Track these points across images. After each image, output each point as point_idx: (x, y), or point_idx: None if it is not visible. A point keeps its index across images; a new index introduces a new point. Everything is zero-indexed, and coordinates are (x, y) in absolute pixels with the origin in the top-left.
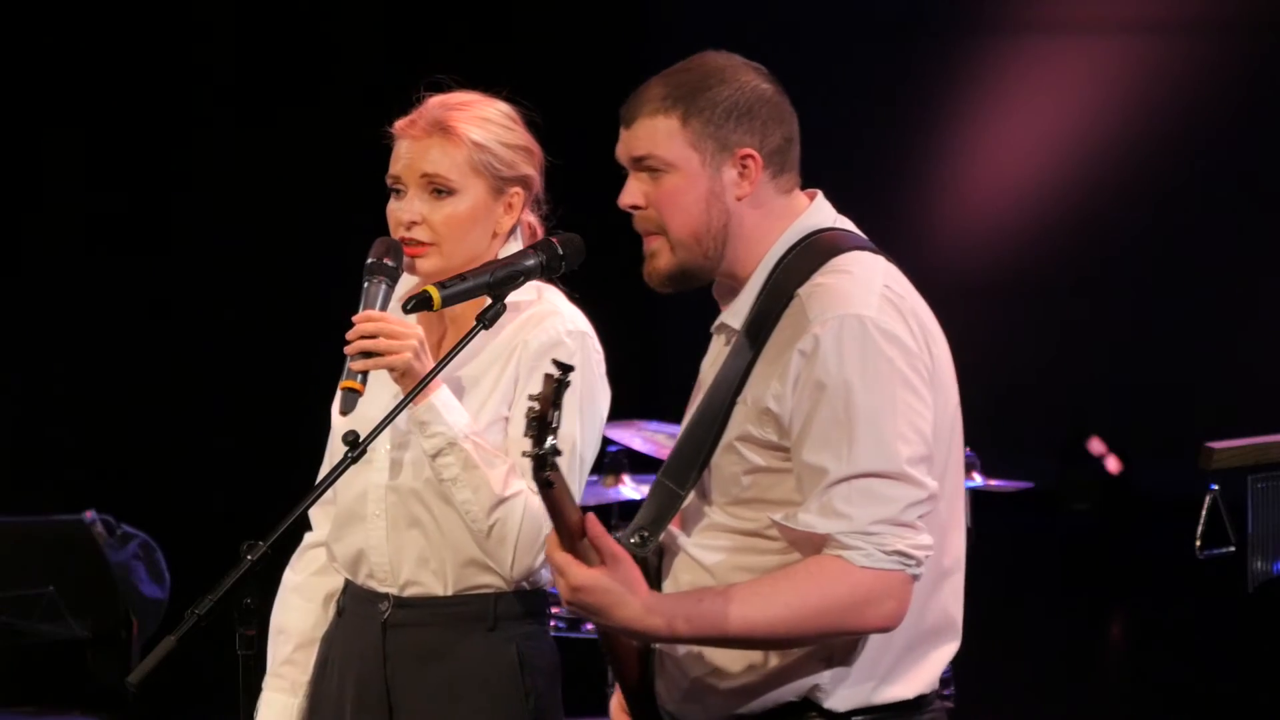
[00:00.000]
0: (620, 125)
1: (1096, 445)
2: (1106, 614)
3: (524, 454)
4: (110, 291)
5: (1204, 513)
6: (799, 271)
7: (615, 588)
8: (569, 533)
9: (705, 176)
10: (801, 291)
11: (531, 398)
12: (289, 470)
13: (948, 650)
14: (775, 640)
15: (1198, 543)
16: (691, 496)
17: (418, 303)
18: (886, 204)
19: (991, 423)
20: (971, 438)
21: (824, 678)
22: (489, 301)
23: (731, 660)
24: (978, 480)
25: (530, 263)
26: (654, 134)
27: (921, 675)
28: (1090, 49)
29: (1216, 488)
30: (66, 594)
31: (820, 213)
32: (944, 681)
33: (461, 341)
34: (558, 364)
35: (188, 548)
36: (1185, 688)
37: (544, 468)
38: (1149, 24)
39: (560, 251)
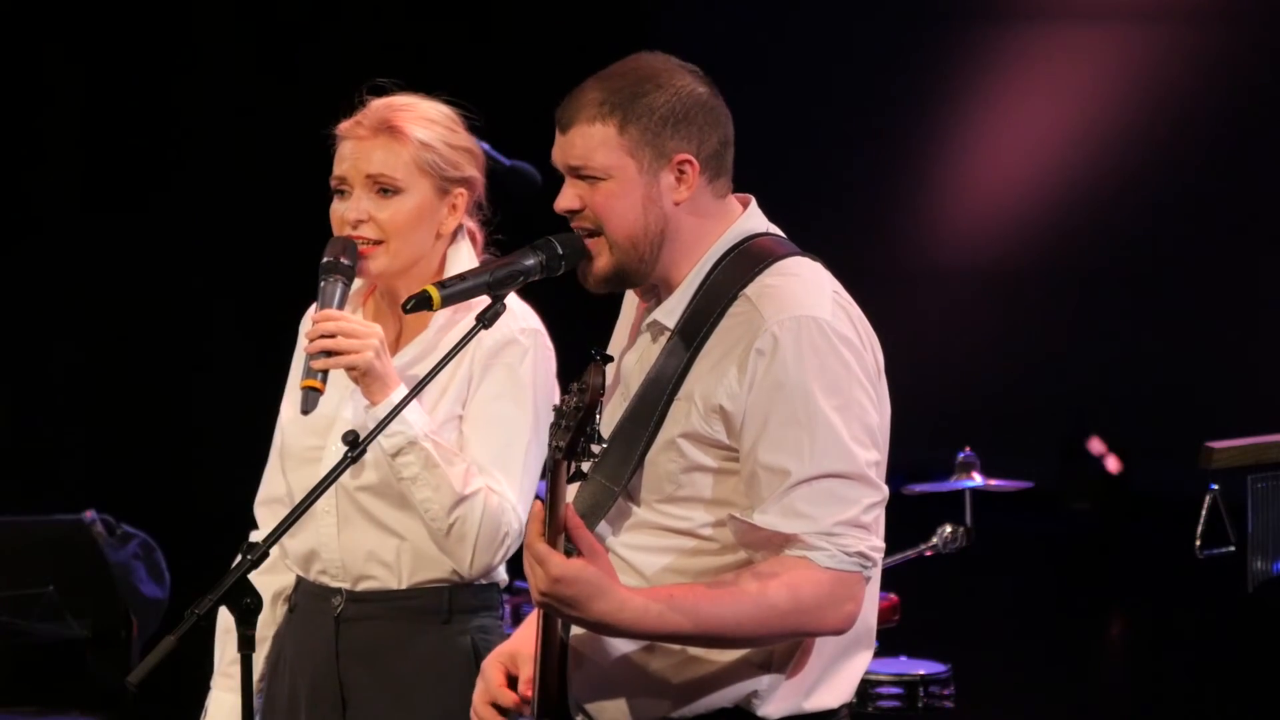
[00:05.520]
0: (556, 129)
1: (1096, 445)
2: (1106, 614)
3: (556, 446)
4: (110, 291)
5: (1204, 513)
6: (738, 274)
7: (594, 580)
8: (556, 528)
9: (642, 183)
10: (749, 292)
11: (577, 389)
12: None
13: (866, 658)
14: (739, 639)
15: (1198, 543)
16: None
17: (418, 302)
18: (885, 202)
19: (991, 422)
20: (971, 437)
21: (761, 684)
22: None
23: (668, 664)
24: (978, 480)
25: (530, 262)
26: (590, 142)
27: (844, 684)
28: (1095, 39)
29: (1216, 488)
30: (66, 594)
31: (755, 218)
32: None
33: (461, 341)
34: (598, 353)
35: (188, 548)
36: (1185, 688)
37: (585, 458)
38: (1156, 13)
39: (560, 250)
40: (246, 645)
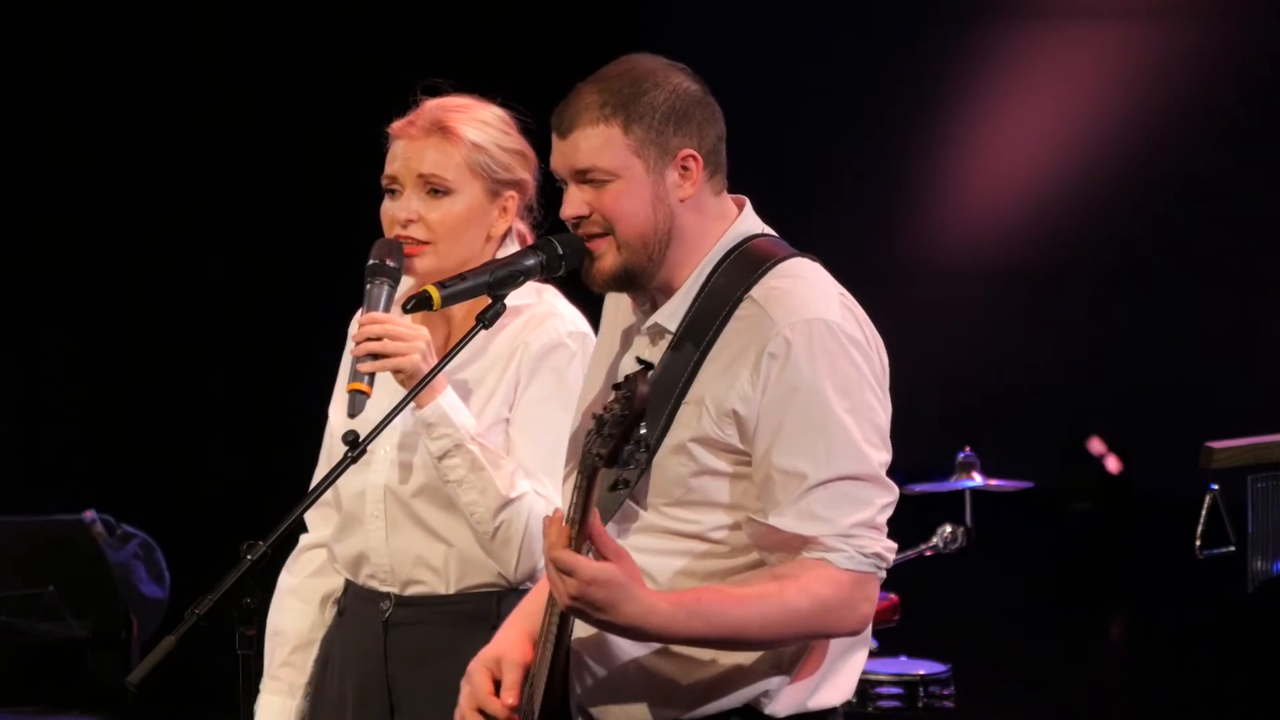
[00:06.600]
0: (554, 135)
1: (1096, 445)
2: (1106, 614)
3: (596, 453)
4: (110, 290)
5: (1204, 513)
6: (740, 276)
7: (626, 584)
8: (584, 534)
9: (649, 182)
10: (755, 294)
11: (623, 396)
12: (289, 470)
13: (864, 655)
14: (761, 642)
15: (1198, 543)
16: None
17: (417, 302)
18: (886, 202)
19: (991, 422)
20: (971, 437)
21: (771, 683)
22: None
23: (676, 667)
24: (978, 480)
25: (530, 262)
26: (594, 144)
27: (845, 681)
28: (1096, 38)
29: (1216, 487)
30: (66, 594)
31: (751, 220)
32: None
33: (461, 341)
34: (641, 361)
35: (188, 548)
36: (1185, 688)
37: (628, 467)
38: (1156, 11)
39: (560, 251)
40: (245, 645)
